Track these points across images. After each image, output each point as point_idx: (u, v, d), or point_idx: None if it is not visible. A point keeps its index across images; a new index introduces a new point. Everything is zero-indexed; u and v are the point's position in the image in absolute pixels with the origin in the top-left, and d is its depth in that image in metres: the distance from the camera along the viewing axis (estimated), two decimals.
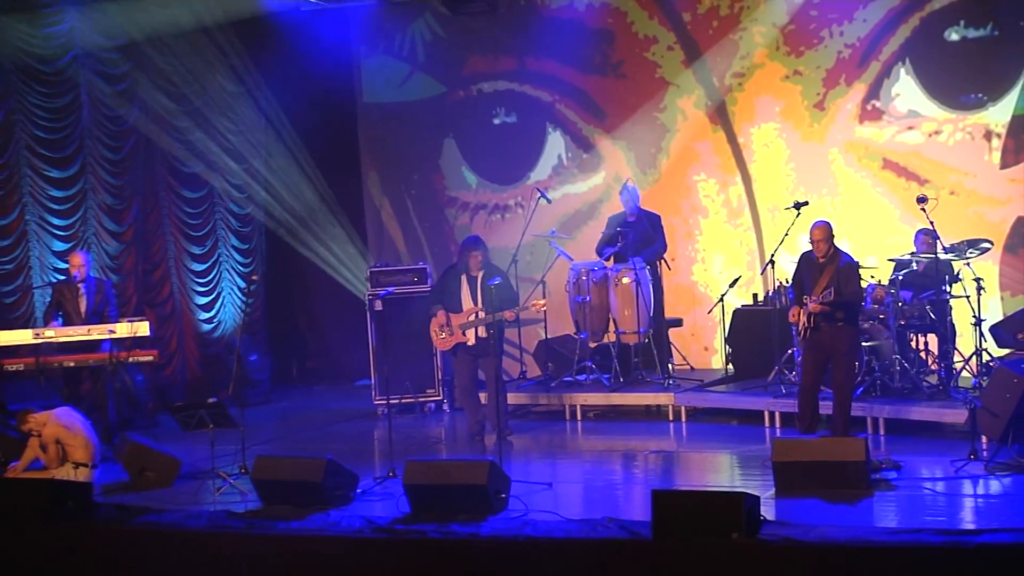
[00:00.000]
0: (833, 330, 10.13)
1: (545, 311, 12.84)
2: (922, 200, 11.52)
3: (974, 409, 9.91)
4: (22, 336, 11.81)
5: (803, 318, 10.15)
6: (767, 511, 8.27)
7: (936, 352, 11.90)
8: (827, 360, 10.28)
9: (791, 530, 7.77)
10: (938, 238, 11.48)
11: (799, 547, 7.49)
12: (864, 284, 11.57)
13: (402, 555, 8.23)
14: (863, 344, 11.37)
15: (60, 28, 13.70)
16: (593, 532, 8.06)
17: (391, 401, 12.47)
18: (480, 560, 8.09)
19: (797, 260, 10.60)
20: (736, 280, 13.18)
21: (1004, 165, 13.28)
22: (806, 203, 11.96)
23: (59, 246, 13.73)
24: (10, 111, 13.37)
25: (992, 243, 12.00)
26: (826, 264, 10.16)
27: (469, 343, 11.54)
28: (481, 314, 11.39)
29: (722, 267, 14.47)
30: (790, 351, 11.85)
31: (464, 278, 11.63)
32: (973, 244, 11.69)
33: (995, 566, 7.16)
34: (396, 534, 8.36)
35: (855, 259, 10.51)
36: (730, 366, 13.27)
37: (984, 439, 10.00)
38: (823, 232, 10.22)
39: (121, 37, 14.17)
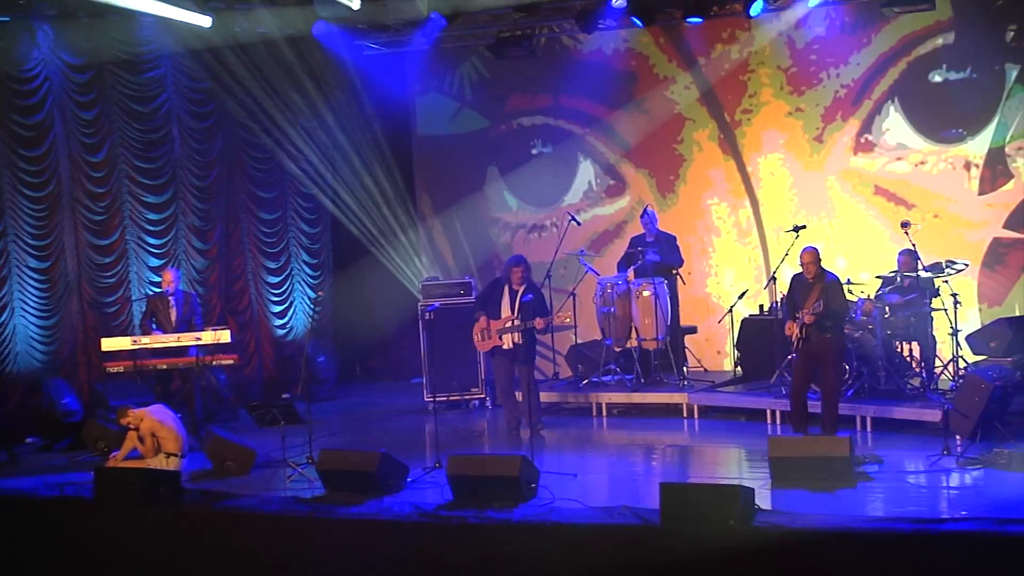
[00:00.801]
0: (823, 341, 10.18)
1: (574, 320, 12.93)
2: (906, 225, 11.69)
3: (947, 411, 9.99)
4: (122, 343, 11.89)
5: (797, 330, 10.23)
6: (764, 501, 8.33)
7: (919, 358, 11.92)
8: (817, 367, 10.33)
9: (781, 518, 7.90)
10: (919, 259, 11.57)
11: (787, 533, 7.63)
12: (854, 299, 11.74)
13: (445, 537, 8.35)
14: (855, 351, 11.40)
15: (156, 73, 13.85)
16: (610, 518, 8.17)
17: (439, 399, 12.71)
18: (512, 542, 8.20)
19: (790, 281, 10.63)
20: (744, 293, 13.19)
21: (982, 192, 13.29)
22: (804, 226, 12.13)
23: (154, 262, 13.79)
24: (113, 145, 13.51)
25: (968, 263, 12.05)
26: (815, 283, 10.25)
27: (505, 347, 11.50)
28: (516, 322, 11.41)
29: (733, 280, 14.44)
30: (790, 356, 11.84)
31: (506, 289, 11.60)
32: (950, 264, 11.79)
33: (957, 550, 7.28)
34: (440, 519, 8.47)
35: (838, 277, 10.59)
36: (738, 369, 13.24)
37: (958, 437, 10.00)
38: (812, 256, 10.35)
39: (207, 81, 14.30)
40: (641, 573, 7.77)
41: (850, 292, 11.91)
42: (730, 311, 13.04)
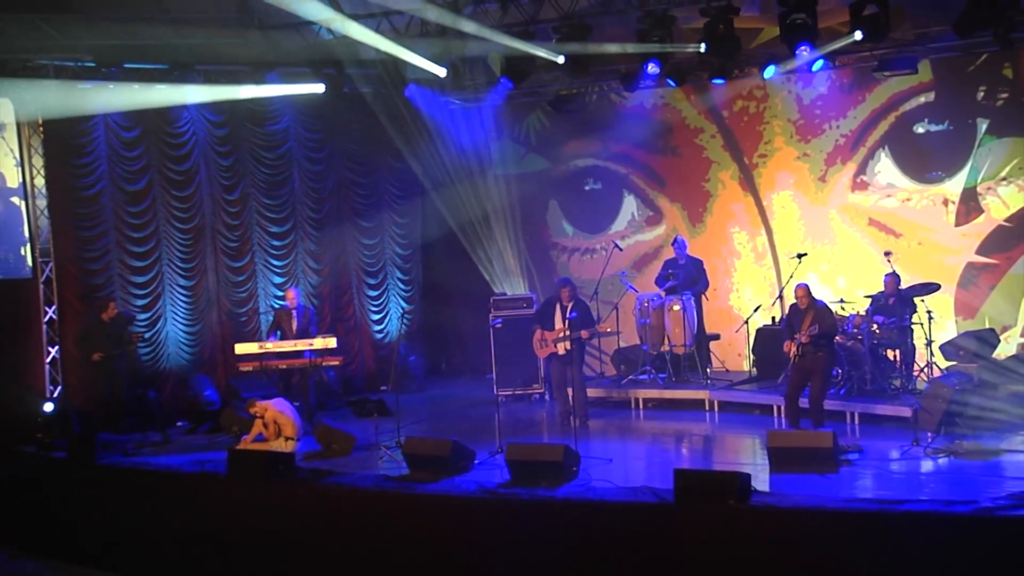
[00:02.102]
0: (815, 358, 10.38)
1: (617, 327, 13.28)
2: (888, 254, 11.97)
3: (916, 410, 10.21)
4: (251, 348, 12.33)
5: (794, 349, 10.46)
6: (764, 485, 8.51)
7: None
8: (808, 378, 10.51)
9: (772, 499, 8.09)
10: (899, 281, 11.78)
11: (777, 511, 7.84)
12: (847, 314, 11.98)
13: (503, 510, 8.65)
14: (847, 357, 11.56)
15: (280, 126, 14.41)
16: (634, 496, 8.42)
17: (505, 393, 13.10)
18: (555, 514, 8.46)
19: (788, 310, 10.82)
20: (758, 307, 13.27)
21: (957, 224, 13.30)
22: (805, 254, 12.43)
23: (278, 280, 14.30)
24: (246, 185, 14.09)
25: (940, 285, 12.14)
26: (807, 310, 10.47)
27: (560, 353, 11.84)
28: (566, 333, 11.76)
29: (751, 296, 14.52)
30: (789, 366, 12.00)
31: (558, 306, 11.95)
32: (927, 286, 11.98)
33: (912, 526, 7.47)
34: (499, 495, 8.76)
35: (826, 303, 10.78)
36: (754, 370, 13.36)
37: (929, 433, 10.11)
38: (803, 291, 10.57)
39: (320, 131, 14.83)
40: (656, 542, 8.03)
41: (843, 308, 12.20)
42: (746, 322, 13.20)
